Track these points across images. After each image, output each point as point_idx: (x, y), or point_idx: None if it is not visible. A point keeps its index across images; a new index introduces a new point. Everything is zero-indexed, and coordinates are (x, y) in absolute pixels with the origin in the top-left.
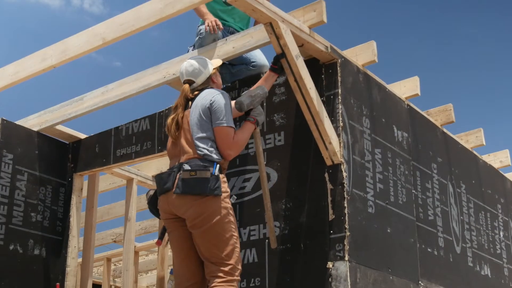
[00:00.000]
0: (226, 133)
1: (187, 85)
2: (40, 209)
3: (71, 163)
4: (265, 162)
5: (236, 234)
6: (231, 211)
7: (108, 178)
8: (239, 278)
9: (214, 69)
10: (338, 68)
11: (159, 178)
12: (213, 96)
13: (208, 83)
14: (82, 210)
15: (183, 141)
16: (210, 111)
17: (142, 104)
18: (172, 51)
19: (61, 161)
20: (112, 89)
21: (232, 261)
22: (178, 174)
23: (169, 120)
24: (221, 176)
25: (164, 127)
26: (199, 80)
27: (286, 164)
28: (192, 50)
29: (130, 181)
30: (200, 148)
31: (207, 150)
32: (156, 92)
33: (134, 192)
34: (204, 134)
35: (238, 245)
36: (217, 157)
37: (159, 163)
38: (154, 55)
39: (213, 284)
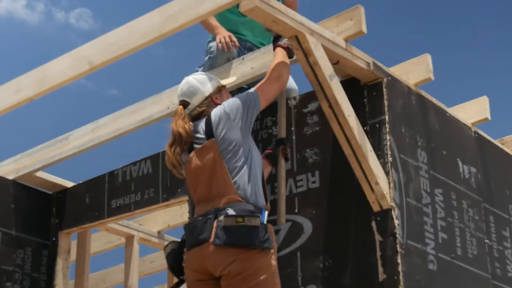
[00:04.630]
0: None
1: (180, 107)
2: (18, 277)
3: (55, 219)
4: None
5: None
6: (277, 272)
7: (103, 236)
8: None
9: (219, 87)
10: (384, 89)
11: (192, 227)
12: (219, 109)
13: (209, 105)
14: (71, 277)
15: (211, 178)
16: (228, 117)
17: (142, 142)
18: (180, 71)
19: (43, 216)
20: (104, 124)
21: None
22: (215, 222)
23: (165, 154)
24: (269, 226)
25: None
26: (194, 101)
27: (323, 211)
28: (202, 72)
29: (130, 239)
30: (241, 189)
31: (250, 190)
32: (158, 126)
33: (135, 253)
34: (237, 164)
35: None
36: (263, 201)
37: (166, 216)
38: (159, 79)
39: None
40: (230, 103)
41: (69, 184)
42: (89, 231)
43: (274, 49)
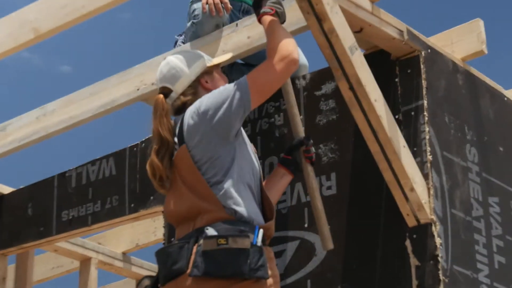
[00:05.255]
0: (259, 73)
1: (160, 97)
2: None
3: None
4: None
5: None
6: None
7: (50, 259)
8: None
9: (208, 67)
10: (422, 66)
11: (165, 255)
12: (195, 105)
13: (196, 92)
14: None
15: (190, 193)
16: (204, 118)
17: (104, 135)
18: (155, 41)
19: None
20: (53, 111)
21: None
22: (195, 246)
23: (149, 164)
24: (265, 248)
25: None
26: (177, 87)
27: (341, 226)
28: (183, 42)
29: (85, 262)
30: (228, 202)
31: (241, 204)
32: (125, 114)
33: (93, 280)
34: (220, 177)
35: None
36: (259, 219)
37: (134, 232)
38: (126, 51)
39: None
40: (208, 101)
41: (6, 189)
42: (31, 252)
43: (258, 20)
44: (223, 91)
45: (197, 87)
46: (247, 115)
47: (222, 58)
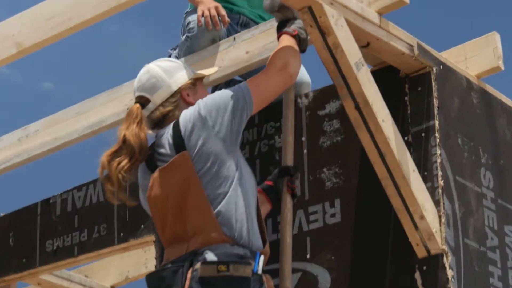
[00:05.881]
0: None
1: (135, 106)
2: None
3: None
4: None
5: None
6: None
7: None
8: None
9: (192, 80)
10: (434, 83)
11: (158, 279)
12: (190, 112)
13: (177, 105)
14: None
15: (186, 211)
16: (206, 122)
17: (90, 158)
18: (146, 55)
19: None
20: (36, 132)
21: None
22: (189, 271)
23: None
24: (265, 276)
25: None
26: (156, 98)
27: (346, 257)
28: (177, 56)
29: None
30: (226, 224)
31: (240, 226)
32: (114, 134)
33: None
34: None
35: None
36: (258, 243)
37: (123, 263)
38: (115, 67)
39: None
40: (208, 103)
41: None
42: (13, 286)
43: (278, 38)
44: (224, 94)
45: (178, 100)
46: (248, 118)
47: (206, 71)
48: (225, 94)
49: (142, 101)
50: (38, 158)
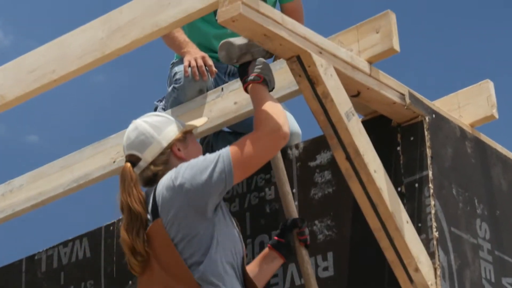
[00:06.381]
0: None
1: (127, 166)
2: None
3: None
4: None
5: None
6: None
7: None
8: None
9: (182, 133)
10: (426, 133)
11: None
12: (169, 176)
13: (168, 161)
14: None
15: (165, 273)
16: (180, 191)
17: (77, 213)
18: (132, 107)
19: None
20: (20, 187)
21: None
22: None
23: (122, 242)
24: None
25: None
26: (147, 155)
27: None
28: (163, 108)
29: None
30: (207, 286)
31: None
32: (100, 189)
33: None
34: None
35: None
36: None
37: None
38: (101, 119)
39: None
40: (184, 172)
41: None
42: None
43: (245, 89)
44: (202, 162)
45: (169, 156)
46: (228, 190)
47: (195, 122)
48: (203, 164)
49: (133, 160)
50: (23, 213)
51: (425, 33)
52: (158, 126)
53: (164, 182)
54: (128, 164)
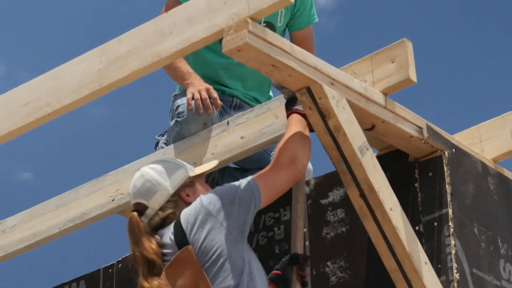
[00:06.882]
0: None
1: (134, 216)
2: None
3: None
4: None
5: None
6: None
7: None
8: None
9: (190, 178)
10: (446, 168)
11: None
12: (185, 212)
13: (176, 206)
14: None
15: None
16: (210, 214)
17: (75, 254)
18: (132, 142)
19: None
20: (13, 227)
21: None
22: None
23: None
24: None
25: None
26: (153, 203)
27: None
28: (165, 143)
29: None
30: None
31: None
32: (98, 229)
33: None
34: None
35: None
36: None
37: None
38: (98, 155)
39: None
40: (211, 195)
41: None
42: None
43: (287, 117)
44: (229, 186)
45: (177, 202)
46: (256, 212)
47: (205, 167)
48: (230, 185)
49: (140, 208)
50: (16, 255)
51: (443, 62)
52: (165, 172)
53: (190, 209)
54: (135, 214)
